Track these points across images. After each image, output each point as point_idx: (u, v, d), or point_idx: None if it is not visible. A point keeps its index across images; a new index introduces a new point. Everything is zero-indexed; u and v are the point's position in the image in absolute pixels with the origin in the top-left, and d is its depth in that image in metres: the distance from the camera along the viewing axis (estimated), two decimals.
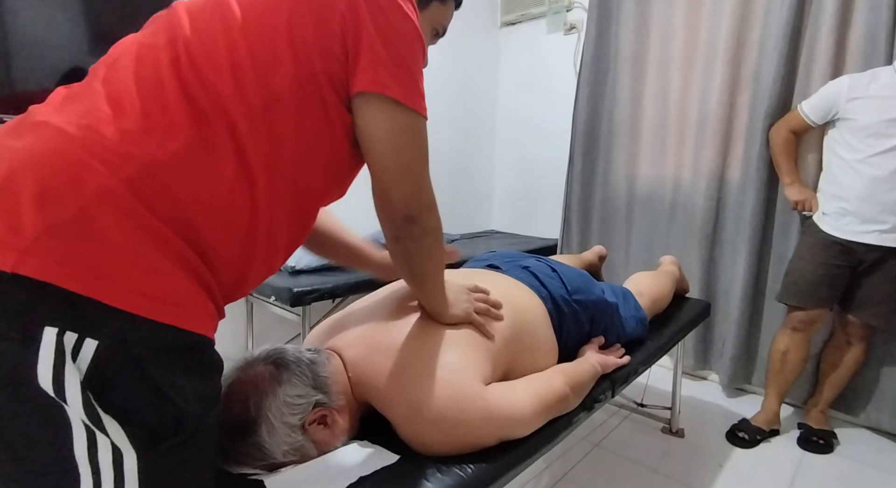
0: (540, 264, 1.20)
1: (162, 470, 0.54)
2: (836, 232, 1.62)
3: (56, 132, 0.52)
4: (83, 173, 0.50)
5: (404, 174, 0.69)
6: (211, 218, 0.58)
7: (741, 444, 1.70)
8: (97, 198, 0.50)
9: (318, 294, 1.61)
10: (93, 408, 0.49)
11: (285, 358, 0.78)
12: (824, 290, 1.64)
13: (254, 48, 0.60)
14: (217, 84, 0.58)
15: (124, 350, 0.50)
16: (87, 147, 0.52)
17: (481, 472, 0.75)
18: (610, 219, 2.48)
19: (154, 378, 0.51)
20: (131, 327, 0.50)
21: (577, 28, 2.62)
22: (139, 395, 0.51)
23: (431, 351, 0.80)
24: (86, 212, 0.49)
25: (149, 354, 0.51)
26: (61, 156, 0.51)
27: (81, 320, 0.48)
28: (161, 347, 0.53)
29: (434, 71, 2.65)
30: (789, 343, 1.71)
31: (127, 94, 0.56)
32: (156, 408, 0.52)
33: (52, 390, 0.47)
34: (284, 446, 0.72)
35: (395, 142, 0.67)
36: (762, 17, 1.93)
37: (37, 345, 0.47)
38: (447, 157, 2.85)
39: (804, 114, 1.71)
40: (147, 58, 0.59)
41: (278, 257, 0.70)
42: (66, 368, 0.47)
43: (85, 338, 0.48)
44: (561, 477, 1.53)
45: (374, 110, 0.65)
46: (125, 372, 0.50)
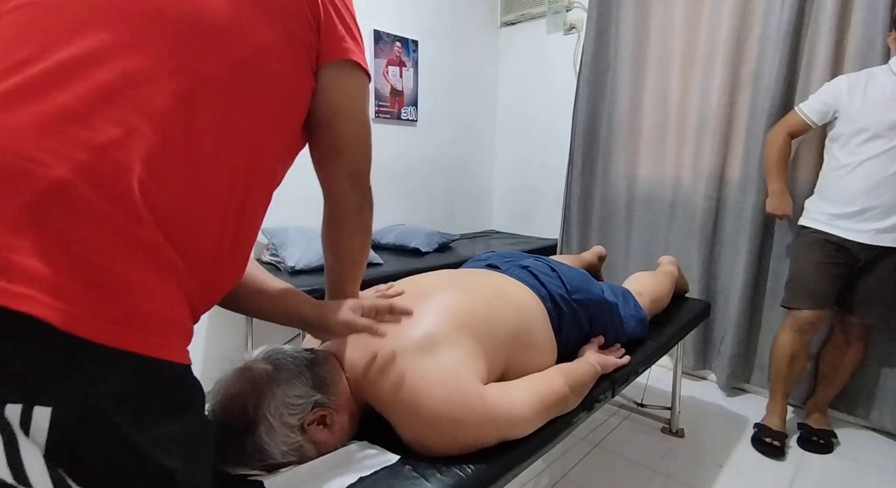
0: (539, 264, 1.20)
1: None
2: (831, 229, 1.62)
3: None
4: (28, 168, 0.40)
5: (368, 147, 0.72)
6: (188, 200, 0.50)
7: (774, 454, 1.64)
8: (47, 195, 0.40)
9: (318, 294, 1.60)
10: (64, 484, 0.40)
11: (284, 358, 0.78)
12: (828, 289, 1.63)
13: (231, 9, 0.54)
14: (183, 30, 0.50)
15: (88, 410, 0.41)
16: (24, 134, 0.41)
17: (481, 472, 0.75)
18: (609, 218, 2.48)
19: (131, 438, 0.43)
20: (93, 374, 0.41)
21: (576, 28, 2.62)
22: (118, 462, 0.42)
23: (426, 353, 0.79)
24: (34, 212, 0.40)
25: (118, 409, 0.42)
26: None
27: (23, 380, 0.39)
28: (131, 395, 0.43)
29: (434, 71, 2.67)
30: (795, 346, 1.69)
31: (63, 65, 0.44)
32: (140, 474, 0.44)
33: (10, 476, 0.38)
34: (283, 446, 0.72)
35: (365, 114, 0.71)
36: (762, 17, 1.94)
37: None
38: (447, 157, 2.84)
39: (804, 114, 1.70)
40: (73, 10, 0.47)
41: (244, 254, 0.63)
42: (19, 445, 0.38)
43: (33, 407, 0.38)
44: (561, 477, 1.53)
45: (350, 82, 0.67)
46: (95, 437, 0.41)
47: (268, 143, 0.60)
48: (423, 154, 2.70)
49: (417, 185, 2.71)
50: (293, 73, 0.60)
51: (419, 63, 2.59)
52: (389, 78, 2.45)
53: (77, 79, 0.44)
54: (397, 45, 2.46)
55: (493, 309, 0.94)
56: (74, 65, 0.44)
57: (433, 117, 2.72)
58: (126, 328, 0.44)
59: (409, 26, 2.52)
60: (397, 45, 2.46)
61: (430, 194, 2.78)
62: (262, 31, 0.55)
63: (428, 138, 2.72)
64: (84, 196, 0.42)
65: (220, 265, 0.57)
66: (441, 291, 0.94)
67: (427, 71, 2.64)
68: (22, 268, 0.39)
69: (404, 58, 2.51)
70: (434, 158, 2.78)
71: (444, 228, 2.76)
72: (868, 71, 1.60)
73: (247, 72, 0.54)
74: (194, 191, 0.51)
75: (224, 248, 0.57)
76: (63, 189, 0.41)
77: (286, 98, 0.61)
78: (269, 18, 0.56)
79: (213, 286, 0.58)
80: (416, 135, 2.65)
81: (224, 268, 0.59)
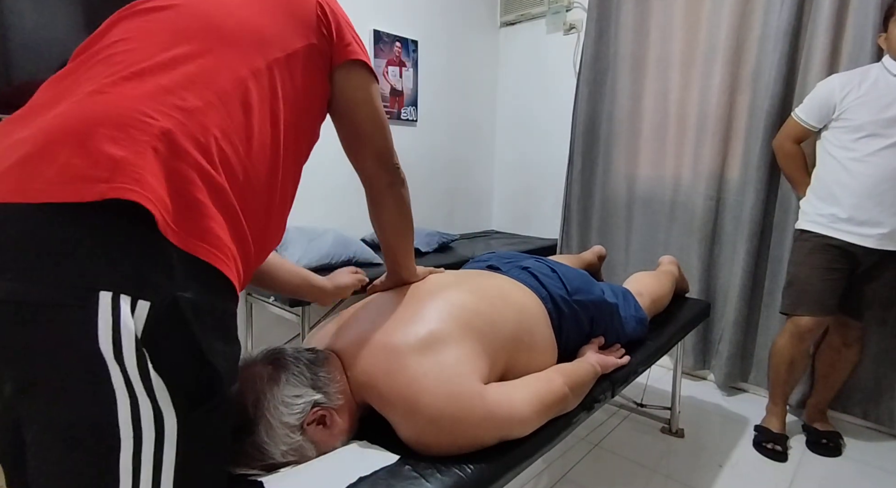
0: (539, 264, 1.20)
1: (198, 432, 0.56)
2: (834, 233, 1.59)
3: (99, 94, 0.57)
4: (144, 119, 0.56)
5: (386, 129, 0.84)
6: (246, 161, 0.64)
7: (777, 458, 1.64)
8: (160, 139, 0.55)
9: None
10: (145, 366, 0.52)
11: (284, 358, 0.78)
12: (831, 296, 1.61)
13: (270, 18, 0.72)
14: (239, 42, 0.67)
15: (174, 311, 0.53)
16: (138, 100, 0.57)
17: (481, 472, 0.75)
18: (609, 218, 2.48)
19: (198, 339, 0.55)
20: (180, 279, 0.54)
21: (576, 28, 2.62)
22: (184, 357, 0.54)
23: (429, 351, 0.79)
24: (154, 149, 0.55)
25: (194, 317, 0.55)
26: (120, 109, 0.56)
27: (134, 278, 0.51)
28: (203, 308, 0.56)
29: (434, 71, 2.67)
30: (794, 352, 1.67)
31: (150, 54, 0.62)
32: (197, 371, 0.55)
33: (110, 351, 0.50)
34: (283, 446, 0.72)
35: (377, 102, 0.83)
36: (762, 17, 1.94)
37: (94, 310, 0.50)
38: (446, 157, 2.84)
39: (801, 120, 1.68)
40: (158, 22, 0.66)
41: (282, 226, 0.78)
42: (122, 328, 0.50)
43: (138, 301, 0.51)
44: (561, 477, 1.53)
45: (359, 77, 0.80)
46: (174, 334, 0.53)
47: (296, 122, 0.74)
48: (422, 154, 2.70)
49: (417, 185, 2.71)
50: (311, 75, 0.75)
51: (419, 63, 2.59)
52: (389, 78, 2.45)
53: (170, 71, 0.61)
54: (397, 45, 2.46)
55: (497, 309, 0.94)
56: (168, 63, 0.62)
57: (433, 117, 2.72)
58: (204, 243, 0.57)
59: (409, 26, 2.52)
60: (397, 46, 2.46)
61: (429, 194, 2.78)
62: (293, 41, 0.72)
63: (428, 138, 2.72)
64: (180, 142, 0.57)
65: (268, 220, 0.72)
66: (447, 290, 0.94)
67: (427, 71, 2.64)
68: (148, 183, 0.53)
69: (404, 58, 2.51)
70: (434, 158, 2.77)
71: (444, 228, 2.76)
72: (861, 69, 1.59)
73: (279, 69, 0.70)
74: (249, 152, 0.66)
75: (272, 207, 0.72)
76: (167, 135, 0.56)
77: (310, 92, 0.76)
78: (297, 32, 0.73)
79: (261, 240, 0.71)
80: (416, 135, 2.65)
81: (270, 226, 0.73)
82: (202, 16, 0.68)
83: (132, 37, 0.65)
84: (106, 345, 0.50)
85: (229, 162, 0.62)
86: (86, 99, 0.57)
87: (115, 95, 0.57)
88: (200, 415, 0.56)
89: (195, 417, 0.56)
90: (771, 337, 1.97)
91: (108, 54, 0.63)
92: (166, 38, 0.64)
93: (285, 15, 0.73)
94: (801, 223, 1.70)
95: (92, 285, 0.50)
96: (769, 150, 1.89)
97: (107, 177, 0.51)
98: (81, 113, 0.55)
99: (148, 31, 0.65)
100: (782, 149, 1.76)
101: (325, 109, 0.81)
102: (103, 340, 0.50)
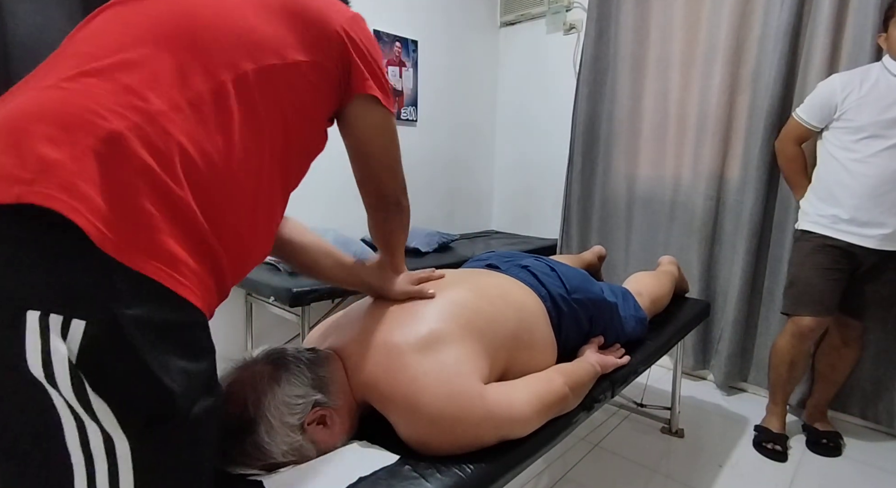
0: (539, 263, 1.20)
1: (156, 456, 0.52)
2: (835, 234, 1.59)
3: (53, 88, 0.53)
4: (92, 119, 0.51)
5: (393, 169, 0.82)
6: (218, 171, 0.59)
7: (777, 458, 1.64)
8: (106, 142, 0.50)
9: (318, 294, 1.61)
10: (83, 391, 0.47)
11: (284, 358, 0.78)
12: (832, 296, 1.61)
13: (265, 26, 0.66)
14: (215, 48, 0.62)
15: (114, 328, 0.48)
16: (92, 97, 0.52)
17: (481, 472, 0.75)
18: (609, 218, 2.48)
19: (145, 358, 0.50)
20: (122, 295, 0.49)
21: (576, 28, 2.62)
22: (129, 377, 0.50)
23: (429, 350, 0.79)
24: (95, 152, 0.50)
25: (139, 332, 0.50)
26: (69, 106, 0.51)
27: (67, 295, 0.47)
28: (152, 324, 0.51)
29: (434, 71, 2.67)
30: (795, 353, 1.67)
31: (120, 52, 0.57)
32: (146, 391, 0.50)
33: (42, 373, 0.46)
34: (283, 446, 0.72)
35: (388, 142, 0.80)
36: (762, 17, 1.94)
37: (22, 329, 0.46)
38: (446, 157, 2.85)
39: (802, 120, 1.67)
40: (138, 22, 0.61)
41: (269, 238, 0.73)
42: (51, 348, 0.46)
43: (72, 320, 0.46)
44: (561, 477, 1.53)
45: (373, 114, 0.78)
46: (115, 352, 0.49)
47: (291, 132, 0.70)
48: (422, 154, 2.70)
49: (417, 185, 2.71)
50: (314, 89, 0.71)
51: (419, 63, 2.59)
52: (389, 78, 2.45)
53: (137, 68, 0.56)
54: (397, 45, 2.46)
55: (497, 308, 0.94)
56: (136, 61, 0.57)
57: (433, 117, 2.72)
58: (154, 260, 0.52)
59: (409, 26, 2.52)
60: (397, 46, 2.46)
61: (429, 194, 2.78)
62: (293, 53, 0.68)
63: (428, 138, 2.72)
64: (131, 147, 0.52)
65: (252, 232, 0.67)
66: (447, 289, 0.94)
67: (427, 71, 2.64)
68: (80, 191, 0.48)
69: (404, 58, 2.51)
70: (434, 158, 2.77)
71: (444, 228, 2.76)
72: (861, 69, 1.59)
73: (270, 76, 0.66)
74: (225, 161, 0.60)
75: (256, 219, 0.67)
76: (116, 138, 0.51)
77: (305, 103, 0.71)
78: (304, 45, 0.69)
79: (240, 253, 0.66)
80: (416, 135, 2.65)
81: (256, 238, 0.68)
82: (186, 12, 0.62)
83: (106, 29, 0.60)
84: (36, 368, 0.46)
85: (197, 171, 0.57)
86: (39, 93, 0.53)
87: (68, 91, 0.53)
88: (159, 438, 0.52)
89: (151, 438, 0.52)
90: (771, 337, 1.97)
91: (78, 47, 0.59)
92: (140, 33, 0.59)
93: (294, 25, 0.68)
94: (802, 223, 1.70)
95: (19, 302, 0.46)
96: (769, 150, 1.89)
97: (29, 179, 0.46)
98: (27, 108, 0.51)
99: (124, 24, 0.61)
100: (784, 152, 1.76)
101: (325, 128, 0.78)
102: (33, 363, 0.46)
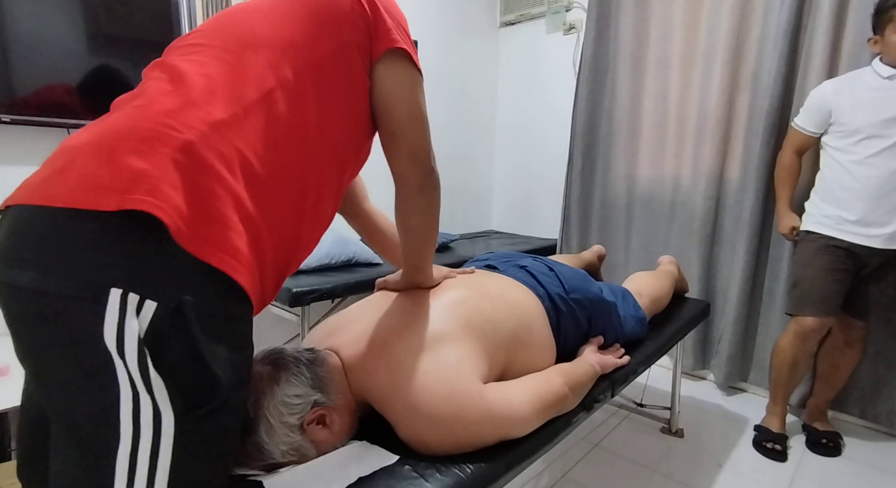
0: (537, 263, 1.20)
1: (193, 435, 0.57)
2: (839, 234, 1.59)
3: (131, 110, 0.61)
4: (167, 132, 0.58)
5: (424, 126, 0.80)
6: (271, 174, 0.65)
7: (776, 458, 1.65)
8: (181, 150, 0.57)
9: (318, 294, 1.61)
10: (146, 365, 0.53)
11: (284, 358, 0.78)
12: (835, 297, 1.61)
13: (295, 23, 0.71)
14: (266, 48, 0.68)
15: (178, 313, 0.54)
16: (168, 114, 0.60)
17: (481, 472, 0.75)
18: (609, 219, 2.48)
19: (198, 341, 0.55)
20: (190, 283, 0.56)
21: (576, 28, 2.62)
22: (185, 359, 0.55)
23: (429, 349, 0.80)
24: (173, 160, 0.57)
25: (198, 320, 0.55)
26: (145, 124, 0.59)
27: (145, 279, 0.54)
28: (209, 313, 0.57)
29: (433, 71, 2.67)
30: (797, 353, 1.67)
31: (188, 75, 0.65)
32: (197, 373, 0.56)
33: (114, 345, 0.52)
34: (283, 446, 0.72)
35: (416, 98, 0.79)
36: (762, 17, 1.94)
37: (104, 305, 0.52)
38: (446, 157, 2.84)
39: (800, 128, 1.70)
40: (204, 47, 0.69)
41: (314, 239, 0.77)
42: (126, 325, 0.52)
43: (145, 300, 0.53)
44: (561, 477, 1.53)
45: (399, 70, 0.77)
46: (176, 335, 0.54)
47: (333, 133, 0.73)
48: None
49: None
50: (346, 76, 0.73)
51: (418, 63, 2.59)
52: None
53: (199, 85, 0.64)
54: None
55: (496, 308, 0.94)
56: (198, 78, 0.64)
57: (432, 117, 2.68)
58: (219, 251, 0.58)
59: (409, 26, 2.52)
60: None
61: None
62: (323, 44, 0.71)
63: None
64: (202, 154, 0.59)
65: (298, 233, 0.71)
66: (448, 289, 0.95)
67: (426, 71, 2.63)
68: (163, 192, 0.55)
69: None
70: None
71: (444, 228, 2.76)
72: (852, 74, 1.61)
73: (307, 76, 0.70)
74: (277, 163, 0.66)
75: (303, 219, 0.71)
76: (190, 147, 0.58)
77: (344, 94, 0.73)
78: (326, 33, 0.71)
79: (287, 253, 0.71)
80: None
81: (301, 240, 0.73)
82: (230, 26, 0.70)
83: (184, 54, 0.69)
84: (110, 339, 0.52)
85: (254, 173, 0.63)
86: (128, 112, 0.61)
87: (148, 110, 0.60)
88: (198, 418, 0.57)
89: (192, 419, 0.57)
90: (771, 336, 1.97)
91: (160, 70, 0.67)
92: (205, 57, 0.67)
93: (314, 16, 0.71)
94: (806, 224, 1.70)
95: (105, 282, 0.52)
96: (769, 150, 1.90)
97: (124, 187, 0.54)
98: (117, 126, 0.59)
99: (197, 62, 0.68)
100: (780, 159, 1.80)
101: (364, 105, 0.78)
102: (108, 335, 0.52)
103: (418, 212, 0.83)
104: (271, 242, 0.66)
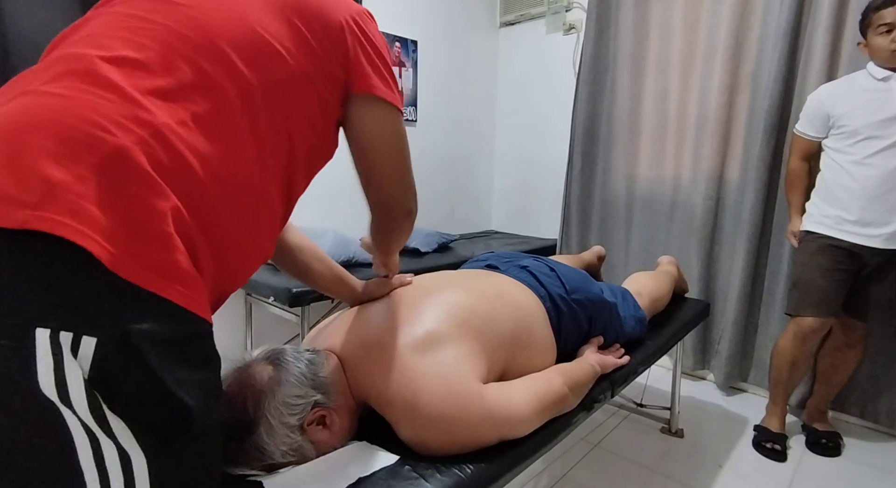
0: (538, 264, 1.20)
1: (173, 470, 0.52)
2: (839, 234, 1.59)
3: (58, 97, 0.50)
4: (96, 133, 0.49)
5: (401, 175, 0.75)
6: (223, 188, 0.58)
7: (776, 458, 1.65)
8: (112, 158, 0.48)
9: (317, 294, 1.61)
10: (99, 409, 0.46)
11: (284, 358, 0.78)
12: (836, 297, 1.61)
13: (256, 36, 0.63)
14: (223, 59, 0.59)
15: (126, 344, 0.47)
16: (97, 109, 0.50)
17: (481, 472, 0.75)
18: (609, 219, 2.48)
19: (158, 373, 0.49)
20: (131, 311, 0.48)
21: (576, 28, 2.62)
22: (144, 393, 0.49)
23: (428, 350, 0.80)
24: (100, 170, 0.47)
25: (151, 348, 0.48)
26: (69, 117, 0.48)
27: (76, 312, 0.45)
28: (163, 339, 0.50)
29: (433, 71, 2.67)
30: (797, 353, 1.67)
31: (126, 58, 0.55)
32: (162, 406, 0.50)
33: (54, 394, 0.44)
34: (283, 447, 0.72)
35: (393, 145, 0.73)
36: (761, 17, 1.94)
37: (30, 350, 0.43)
38: (446, 158, 2.85)
39: (802, 133, 1.71)
40: (144, 27, 0.58)
41: (269, 247, 0.71)
42: (66, 368, 0.44)
43: (82, 337, 0.45)
44: (560, 477, 1.53)
45: (377, 116, 0.71)
46: (129, 369, 0.47)
47: (294, 149, 0.67)
48: (422, 154, 2.70)
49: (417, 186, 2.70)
50: (322, 103, 0.68)
51: (418, 63, 2.59)
52: None
53: (144, 78, 0.54)
54: (396, 45, 2.46)
55: (494, 308, 0.94)
56: (140, 67, 0.55)
57: (432, 117, 2.72)
58: (164, 278, 0.50)
59: (409, 26, 2.52)
60: (396, 46, 2.46)
61: (429, 194, 2.78)
62: (301, 63, 0.65)
63: (427, 138, 2.72)
64: (139, 163, 0.50)
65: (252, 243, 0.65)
66: (444, 290, 0.94)
67: (426, 71, 2.64)
68: (87, 213, 0.46)
69: (404, 58, 2.51)
70: (433, 158, 2.77)
71: (444, 228, 2.76)
72: (847, 77, 1.62)
73: (277, 90, 0.63)
74: (226, 179, 0.59)
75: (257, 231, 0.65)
76: (123, 155, 0.49)
77: (314, 117, 0.68)
78: (308, 51, 0.65)
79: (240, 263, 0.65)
80: (416, 135, 2.65)
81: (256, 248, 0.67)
82: (192, 17, 0.60)
83: (105, 32, 0.58)
84: (48, 388, 0.44)
85: (200, 185, 0.56)
86: (36, 98, 0.49)
87: (67, 99, 0.50)
88: (175, 452, 0.52)
89: (167, 454, 0.51)
90: (770, 337, 1.97)
91: (74, 49, 0.56)
92: (141, 39, 0.57)
93: (299, 27, 0.65)
94: (807, 224, 1.70)
95: (26, 321, 0.44)
96: (769, 151, 1.90)
97: (34, 202, 0.44)
98: (23, 117, 0.48)
99: (126, 28, 0.58)
100: (788, 165, 1.80)
101: (334, 138, 0.73)
102: (45, 384, 0.44)
103: (385, 235, 0.86)
104: (221, 253, 0.60)
